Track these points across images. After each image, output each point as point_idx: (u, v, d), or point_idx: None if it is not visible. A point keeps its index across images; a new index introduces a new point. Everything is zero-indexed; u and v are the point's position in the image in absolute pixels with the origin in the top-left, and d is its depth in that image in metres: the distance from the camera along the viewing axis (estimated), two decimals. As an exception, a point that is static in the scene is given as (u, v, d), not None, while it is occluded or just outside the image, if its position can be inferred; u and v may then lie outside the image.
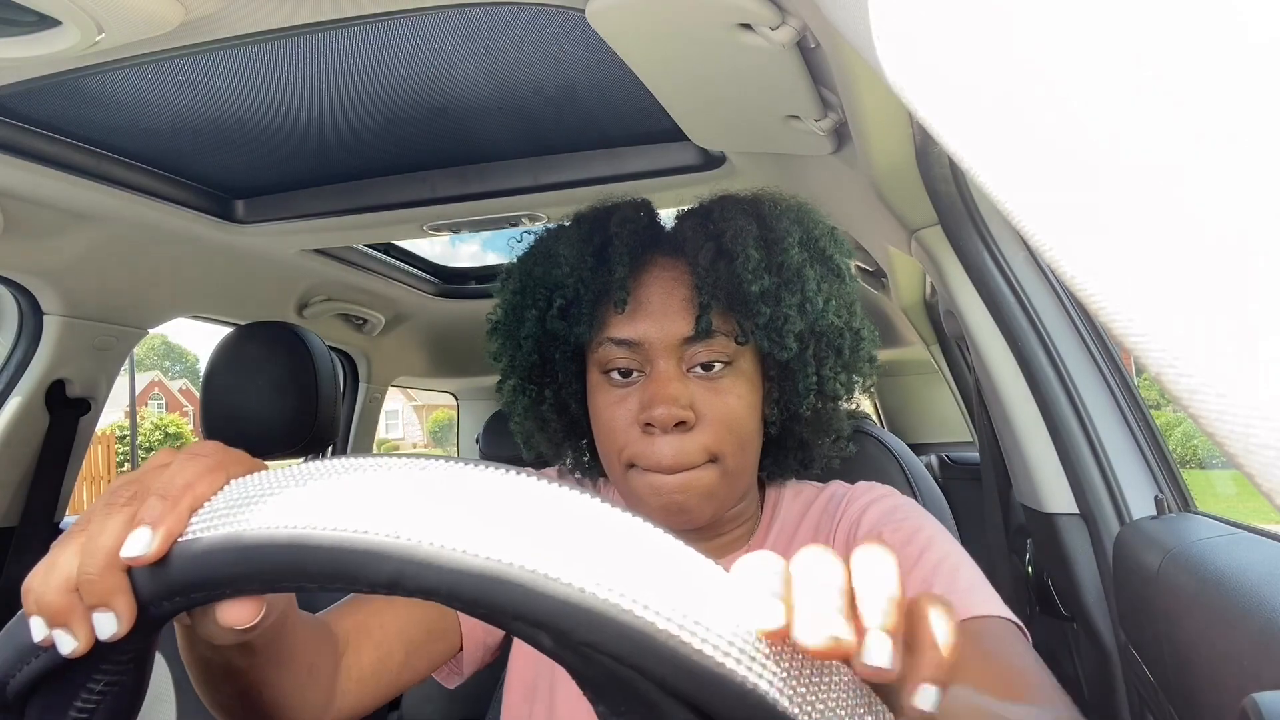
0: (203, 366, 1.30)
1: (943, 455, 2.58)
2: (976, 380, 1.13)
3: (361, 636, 0.65)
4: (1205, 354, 0.17)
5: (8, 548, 1.31)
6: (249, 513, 0.31)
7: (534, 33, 0.82)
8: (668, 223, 0.76)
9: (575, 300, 0.69)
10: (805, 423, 0.73)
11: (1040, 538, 1.00)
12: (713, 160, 1.14)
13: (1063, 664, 1.14)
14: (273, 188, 1.28)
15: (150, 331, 1.49)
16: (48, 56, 0.71)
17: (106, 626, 0.32)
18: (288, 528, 0.30)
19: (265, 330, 1.26)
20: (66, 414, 1.36)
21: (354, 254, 1.65)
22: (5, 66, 0.74)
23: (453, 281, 2.02)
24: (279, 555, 0.30)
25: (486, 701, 0.89)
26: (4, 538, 1.31)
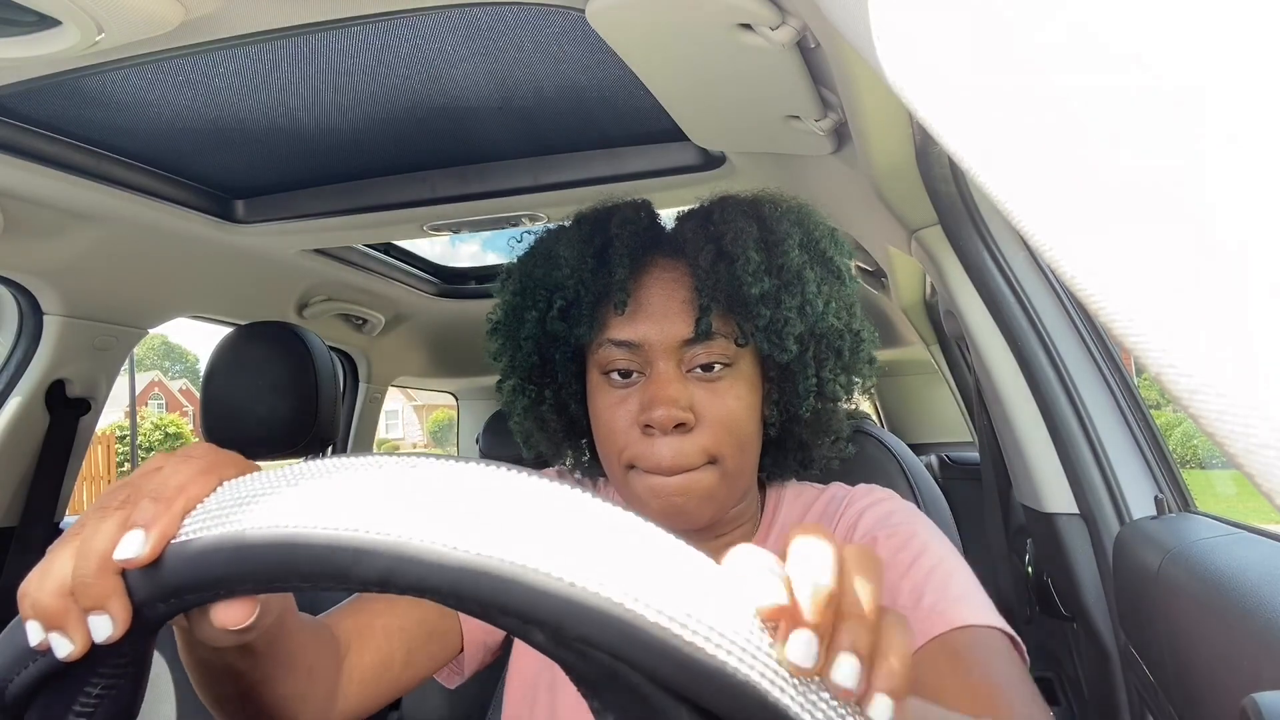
0: (203, 366, 1.30)
1: (943, 455, 2.58)
2: (976, 380, 1.13)
3: (363, 638, 0.65)
4: (1205, 354, 0.17)
5: (8, 548, 1.31)
6: (241, 513, 0.31)
7: (534, 33, 0.82)
8: (668, 223, 0.76)
9: (575, 301, 0.69)
10: (805, 424, 0.73)
11: (1040, 538, 1.00)
12: (713, 160, 1.14)
13: (1063, 664, 1.14)
14: (273, 188, 1.28)
15: (150, 331, 1.49)
16: (48, 56, 0.71)
17: (102, 629, 0.32)
18: (279, 527, 0.30)
19: (265, 330, 1.26)
20: (66, 414, 1.36)
21: (354, 254, 1.65)
22: (5, 66, 0.74)
23: (453, 281, 2.02)
24: (271, 555, 0.30)
25: (487, 701, 0.89)
26: (4, 538, 1.31)
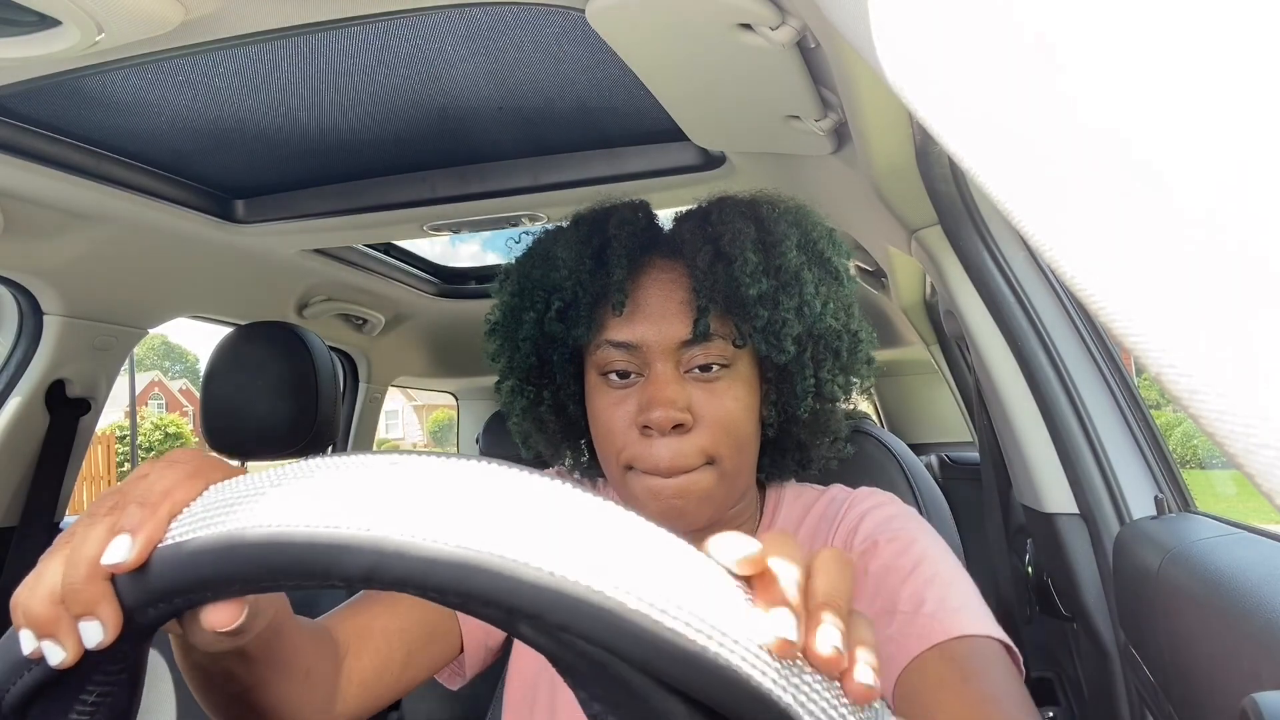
0: (203, 366, 1.30)
1: (943, 455, 2.58)
2: (976, 380, 1.13)
3: (362, 640, 0.65)
4: (1205, 354, 0.17)
5: (8, 548, 1.31)
6: (226, 515, 0.31)
7: (534, 33, 0.82)
8: (667, 223, 0.76)
9: (573, 302, 0.69)
10: (803, 424, 0.73)
11: (1040, 538, 1.00)
12: (713, 160, 1.14)
13: (1063, 664, 1.14)
14: (273, 188, 1.28)
15: (150, 331, 1.49)
16: (48, 56, 0.71)
17: (93, 635, 0.32)
18: (263, 528, 0.30)
19: (265, 330, 1.26)
20: (66, 414, 1.36)
21: (354, 254, 1.65)
22: (5, 66, 0.74)
23: (453, 281, 2.02)
24: (256, 555, 0.30)
25: (487, 701, 0.89)
26: (4, 538, 1.31)
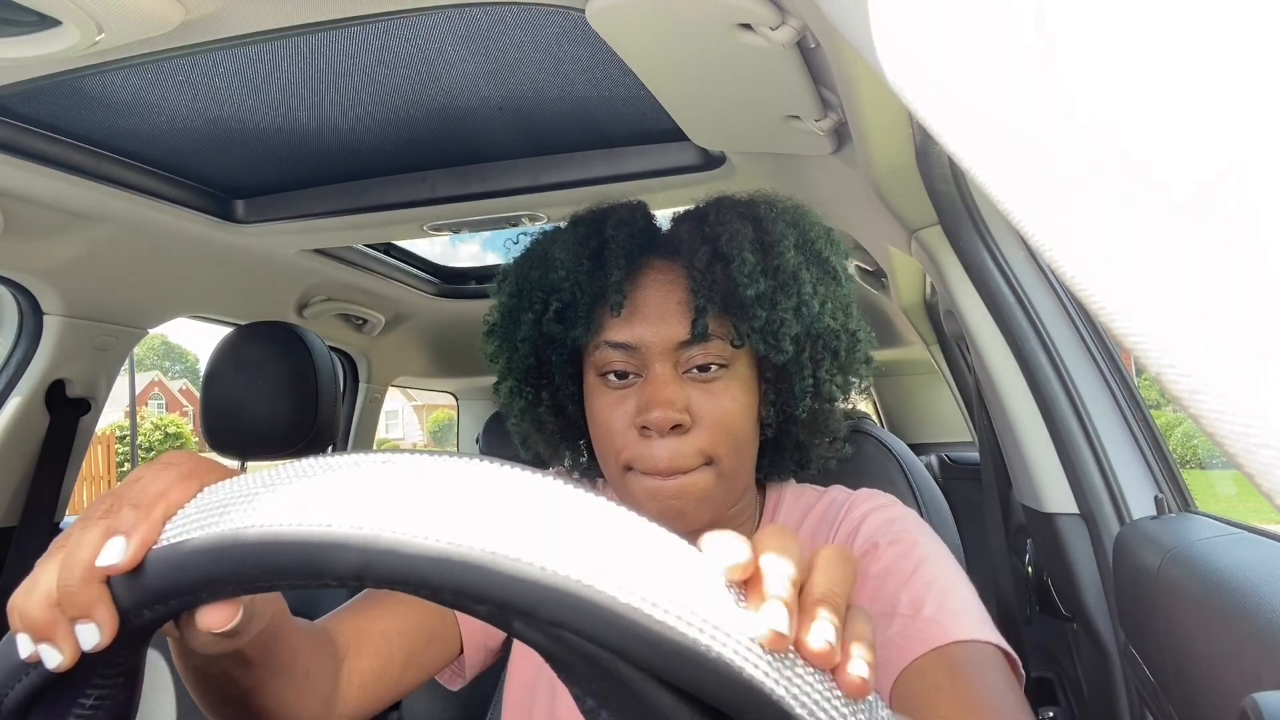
0: (203, 366, 1.30)
1: (943, 455, 2.58)
2: (976, 380, 1.13)
3: (361, 641, 0.65)
4: (1205, 354, 0.17)
5: (8, 548, 1.31)
6: (220, 516, 0.31)
7: (534, 33, 0.82)
8: (665, 224, 0.76)
9: (571, 303, 0.69)
10: (801, 424, 0.73)
11: (1040, 538, 0.99)
12: (713, 160, 1.14)
13: (1063, 664, 1.14)
14: (273, 188, 1.28)
15: (150, 331, 1.49)
16: (48, 56, 0.71)
17: (89, 637, 0.32)
18: (255, 527, 0.30)
19: (265, 330, 1.26)
20: (66, 414, 1.36)
21: (354, 254, 1.65)
22: (5, 66, 0.74)
23: (453, 281, 2.02)
24: (249, 555, 0.30)
25: (487, 701, 0.89)
26: (4, 538, 1.31)
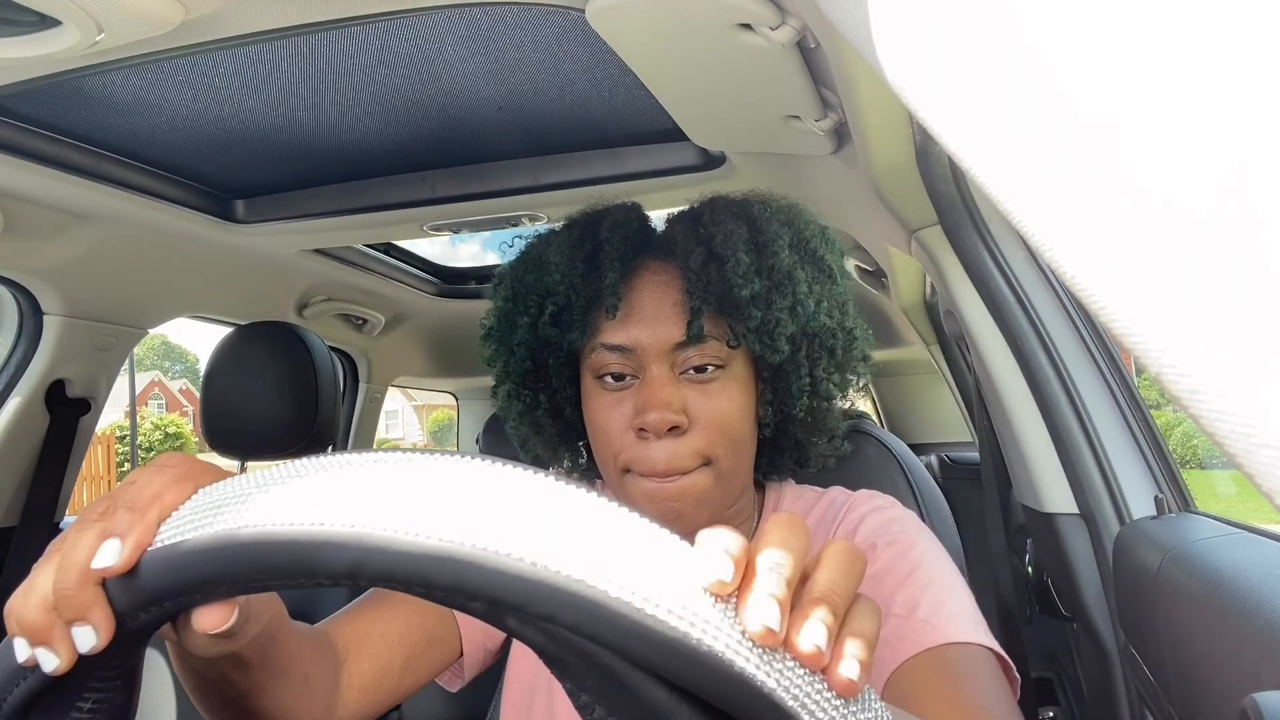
0: (203, 366, 1.30)
1: (943, 455, 2.57)
2: (976, 380, 1.13)
3: (361, 645, 0.65)
4: (1205, 354, 0.17)
5: (8, 548, 1.31)
6: (214, 517, 0.32)
7: (534, 33, 0.82)
8: (660, 224, 0.76)
9: (567, 307, 0.69)
10: (799, 423, 0.73)
11: (1040, 538, 0.99)
12: (713, 160, 1.14)
13: (1063, 664, 1.14)
14: (273, 188, 1.28)
15: (150, 331, 1.49)
16: (48, 56, 0.71)
17: (86, 640, 0.32)
18: (249, 527, 0.30)
19: (265, 330, 1.26)
20: (66, 414, 1.36)
21: (354, 254, 1.65)
22: (5, 66, 0.74)
23: (453, 281, 2.02)
24: (243, 554, 0.30)
25: (487, 701, 0.89)
26: (4, 538, 1.31)
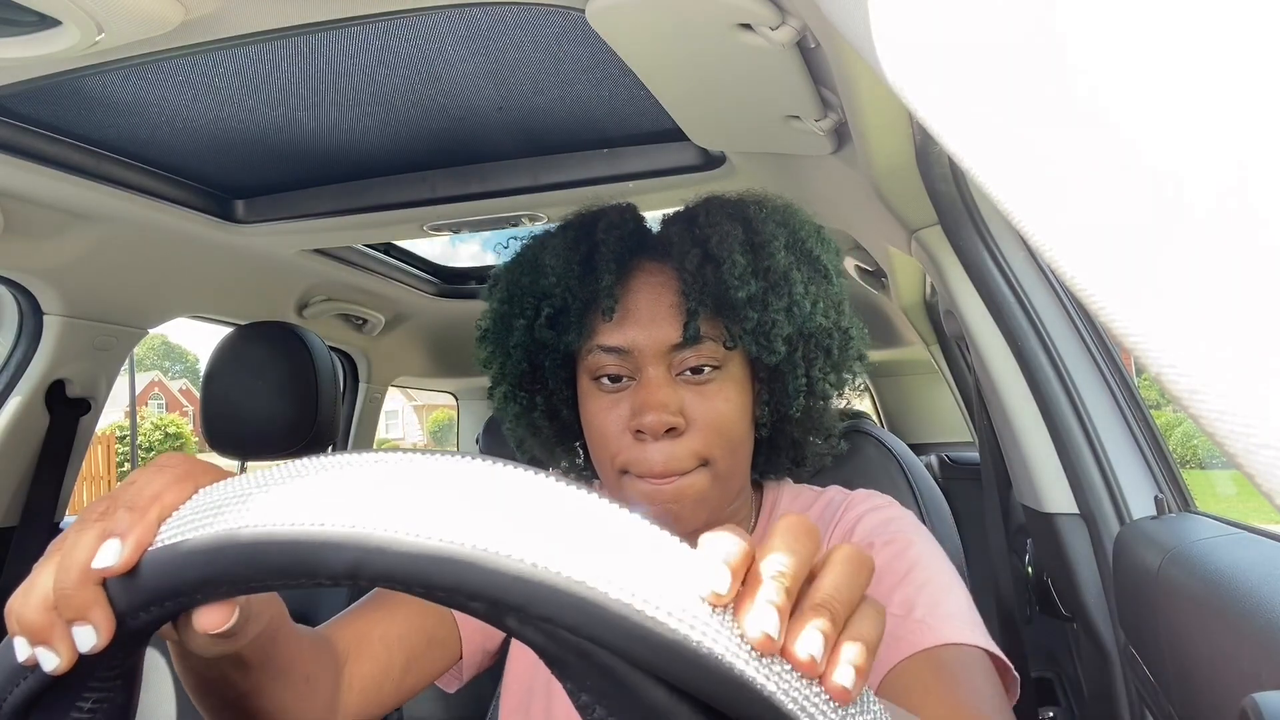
0: (203, 366, 1.30)
1: (943, 455, 2.58)
2: (976, 380, 1.13)
3: (361, 646, 0.65)
4: (1205, 354, 0.17)
5: (8, 548, 1.31)
6: (214, 517, 0.32)
7: (534, 33, 0.82)
8: (656, 224, 0.76)
9: (563, 309, 0.69)
10: (796, 423, 0.73)
11: (1040, 538, 0.99)
12: (713, 160, 1.14)
13: (1063, 664, 1.14)
14: (273, 188, 1.28)
15: (150, 331, 1.49)
16: (48, 56, 0.71)
17: (86, 639, 0.32)
18: (249, 527, 0.30)
19: (265, 330, 1.26)
20: (66, 414, 1.36)
21: (354, 254, 1.65)
22: (5, 66, 0.74)
23: (453, 281, 2.02)
24: (243, 554, 0.30)
25: (487, 701, 0.89)
26: (4, 538, 1.31)
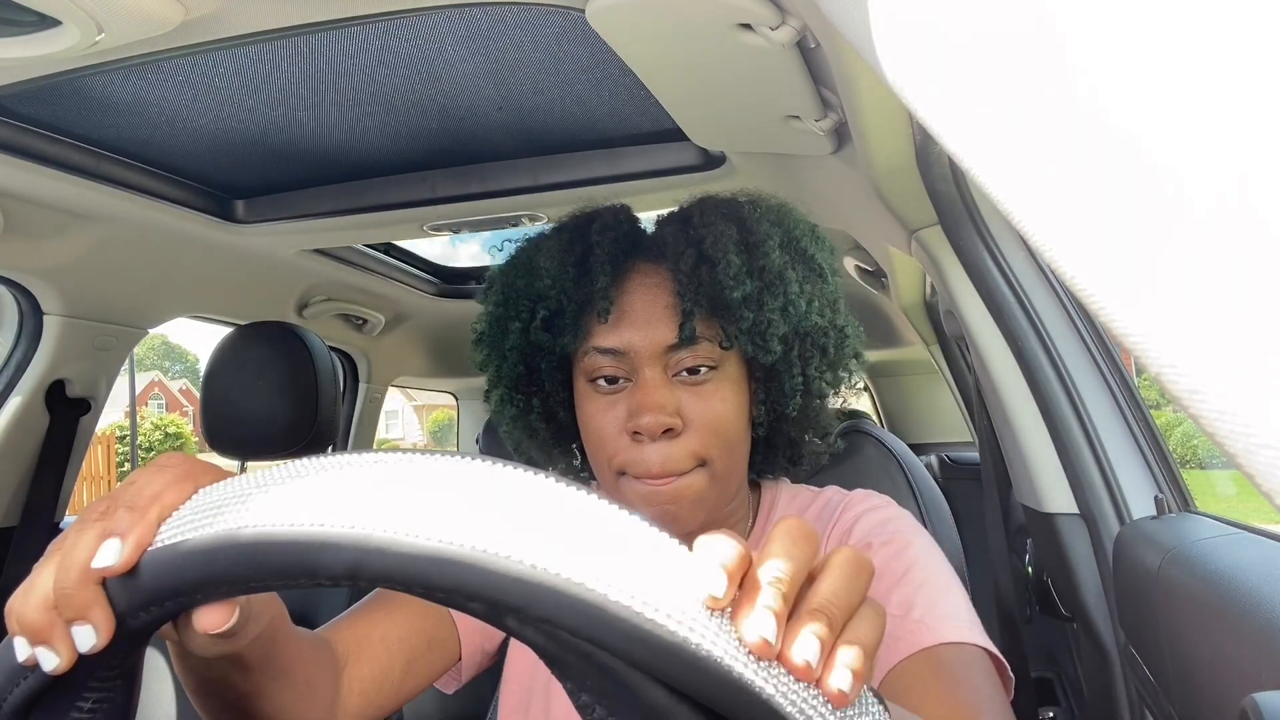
0: (203, 366, 1.30)
1: (943, 455, 2.58)
2: (976, 380, 1.13)
3: (361, 649, 0.65)
4: (1205, 354, 0.17)
5: (8, 548, 1.31)
6: (214, 517, 0.32)
7: (534, 33, 0.82)
8: (651, 224, 0.76)
9: (559, 311, 0.69)
10: (793, 422, 0.73)
11: (1040, 538, 0.99)
12: (713, 160, 1.14)
13: (1063, 664, 1.14)
14: (273, 188, 1.28)
15: (150, 331, 1.49)
16: (48, 56, 0.71)
17: (86, 639, 0.32)
18: (249, 528, 0.30)
19: (265, 330, 1.26)
20: (66, 414, 1.36)
21: (354, 254, 1.65)
22: (5, 66, 0.74)
23: (453, 281, 2.02)
24: (243, 554, 0.30)
25: (485, 703, 0.89)
26: (4, 538, 1.31)
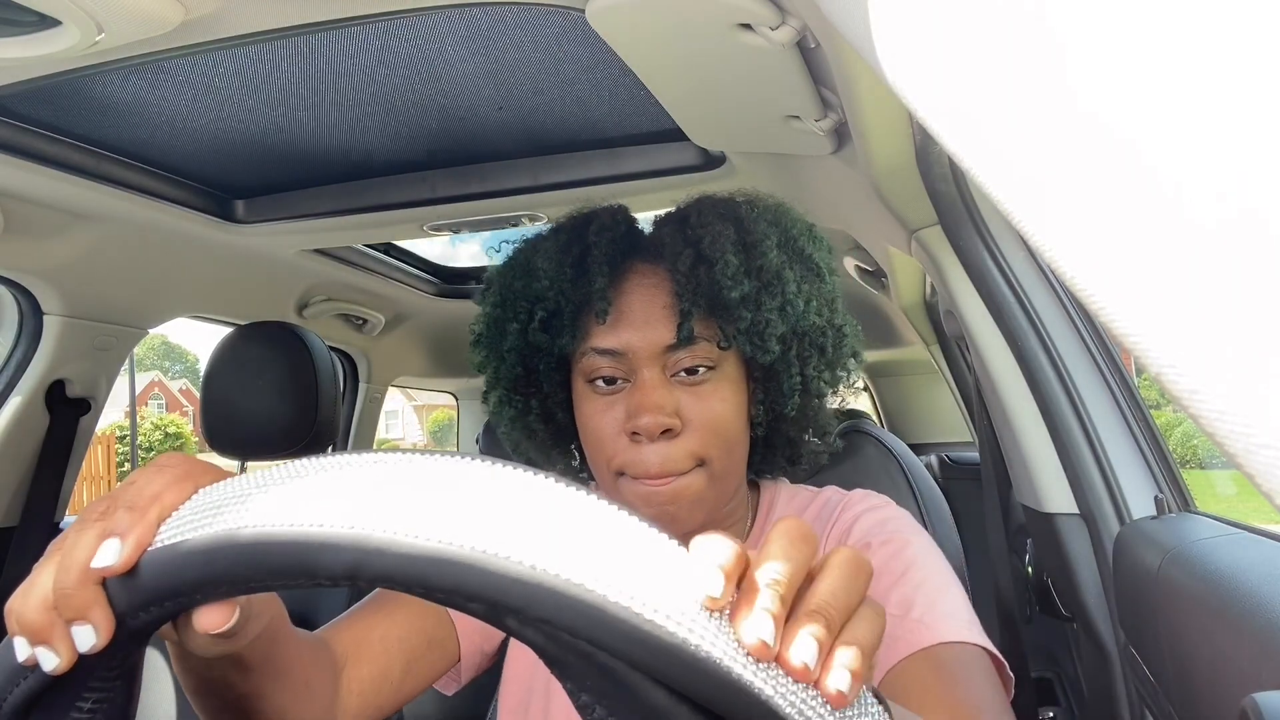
0: (203, 366, 1.30)
1: (943, 455, 2.58)
2: (976, 380, 1.13)
3: (360, 650, 0.65)
4: (1205, 354, 0.17)
5: (8, 548, 1.31)
6: (214, 518, 0.32)
7: (534, 33, 0.82)
8: (648, 225, 0.76)
9: (556, 312, 0.69)
10: (791, 421, 0.73)
11: (1040, 538, 0.99)
12: (713, 160, 1.14)
13: (1063, 664, 1.14)
14: (273, 188, 1.28)
15: (150, 331, 1.49)
16: (48, 56, 0.71)
17: (86, 639, 0.32)
18: (249, 528, 0.30)
19: (265, 330, 1.26)
20: (66, 414, 1.36)
21: (354, 254, 1.65)
22: (5, 66, 0.74)
23: (453, 281, 2.02)
24: (243, 555, 0.30)
25: (485, 703, 0.89)
26: (4, 538, 1.31)
